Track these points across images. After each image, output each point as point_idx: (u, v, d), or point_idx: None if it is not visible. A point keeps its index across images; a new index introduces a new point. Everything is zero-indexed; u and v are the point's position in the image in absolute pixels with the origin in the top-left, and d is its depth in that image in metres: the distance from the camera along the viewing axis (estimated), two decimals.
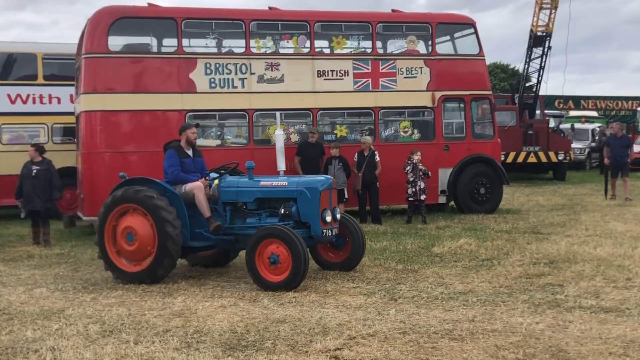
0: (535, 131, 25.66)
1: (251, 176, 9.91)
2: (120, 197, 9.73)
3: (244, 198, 9.83)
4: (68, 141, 18.26)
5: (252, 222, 9.77)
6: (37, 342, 6.68)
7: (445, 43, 17.84)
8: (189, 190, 9.82)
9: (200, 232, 9.82)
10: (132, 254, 9.68)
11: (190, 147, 10.39)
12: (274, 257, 8.87)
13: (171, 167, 10.04)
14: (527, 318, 7.09)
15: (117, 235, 9.71)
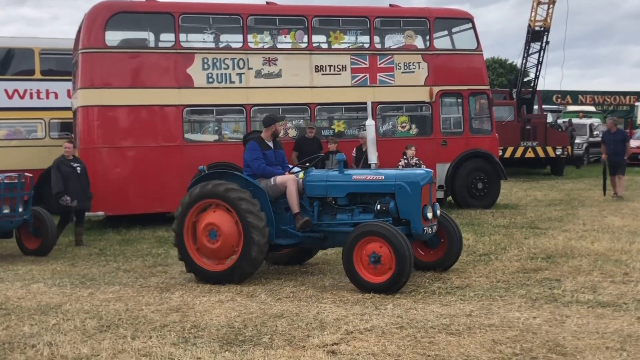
0: (533, 126, 25.66)
1: (342, 169, 9.31)
2: (201, 192, 9.17)
3: (335, 193, 9.20)
4: (65, 136, 18.22)
5: (344, 218, 9.17)
6: (34, 337, 6.68)
7: (443, 38, 17.84)
8: (279, 184, 9.29)
9: (285, 229, 9.30)
10: (215, 253, 9.16)
11: (272, 139, 9.84)
12: (375, 257, 8.22)
13: (256, 160, 9.47)
14: (524, 313, 7.09)
15: (198, 233, 9.19)
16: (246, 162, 9.59)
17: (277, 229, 9.26)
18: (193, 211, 9.25)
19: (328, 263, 10.36)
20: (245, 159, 9.60)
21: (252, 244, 8.85)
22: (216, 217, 9.08)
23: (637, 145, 28.98)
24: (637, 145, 28.73)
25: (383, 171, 9.37)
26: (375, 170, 9.48)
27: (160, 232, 14.10)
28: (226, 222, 9.02)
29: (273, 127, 9.81)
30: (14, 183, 11.54)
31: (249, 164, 9.51)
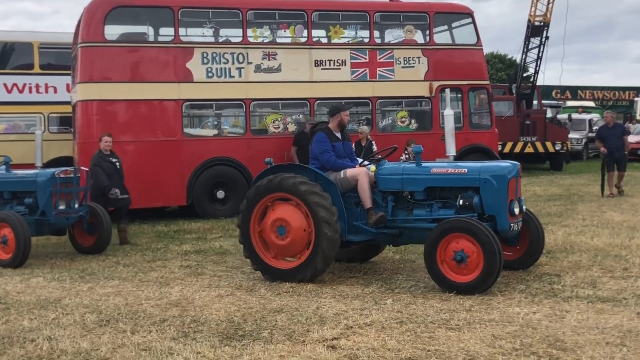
0: (532, 121, 25.66)
1: (419, 162, 8.67)
2: (269, 186, 8.69)
3: (412, 187, 8.58)
4: (64, 131, 18.23)
5: (421, 214, 8.57)
6: (33, 331, 6.67)
7: (443, 33, 17.85)
8: (350, 177, 8.80)
9: (358, 224, 8.78)
10: (284, 249, 8.70)
11: (339, 130, 9.32)
12: (461, 255, 7.72)
13: (325, 152, 8.94)
14: (524, 308, 7.09)
15: (266, 229, 8.72)
16: (314, 154, 9.08)
17: (349, 225, 8.76)
18: (260, 206, 8.79)
19: None
20: (313, 151, 9.10)
21: (324, 240, 8.37)
22: (285, 212, 8.62)
23: (637, 140, 28.91)
24: (636, 140, 28.67)
25: (465, 164, 8.82)
26: (454, 163, 9.01)
27: (160, 227, 14.08)
28: (296, 217, 8.56)
29: (338, 117, 9.26)
30: (70, 177, 11.04)
31: (318, 156, 9.01)
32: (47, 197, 10.76)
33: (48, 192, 10.76)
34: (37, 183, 10.92)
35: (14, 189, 11.27)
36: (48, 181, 10.82)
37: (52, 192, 10.78)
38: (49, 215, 10.81)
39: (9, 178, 11.34)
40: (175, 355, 5.78)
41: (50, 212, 10.79)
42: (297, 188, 8.49)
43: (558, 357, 5.51)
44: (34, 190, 10.97)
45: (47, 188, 10.78)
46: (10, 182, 11.30)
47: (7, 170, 11.45)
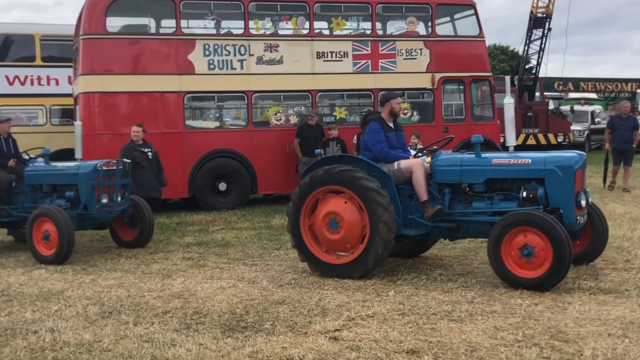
0: (534, 113, 25.63)
1: (479, 152, 8.31)
2: (324, 178, 8.35)
3: (471, 178, 8.22)
4: (66, 123, 18.22)
5: (481, 207, 8.19)
6: (36, 323, 6.69)
7: (445, 24, 17.80)
8: (404, 169, 8.45)
9: (413, 218, 8.44)
10: (336, 244, 8.40)
11: (392, 119, 8.98)
12: (528, 249, 7.38)
13: (378, 143, 8.59)
14: (526, 299, 7.09)
15: (317, 223, 8.44)
16: (366, 145, 8.74)
17: (403, 218, 8.38)
18: (311, 199, 8.49)
19: None
20: (365, 142, 8.76)
21: (380, 235, 8.06)
22: (337, 205, 8.31)
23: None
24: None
25: (528, 154, 8.33)
26: (514, 154, 8.57)
27: (162, 219, 14.08)
28: (349, 210, 8.25)
29: (388, 106, 8.90)
30: (113, 170, 10.66)
31: (370, 147, 8.65)
32: (90, 190, 10.37)
33: (90, 185, 10.37)
34: (79, 176, 10.52)
35: (54, 182, 10.90)
36: (90, 174, 10.42)
37: (95, 185, 10.41)
38: (92, 209, 10.44)
39: (49, 171, 10.99)
40: (177, 347, 5.79)
41: (92, 206, 10.42)
42: (351, 180, 8.18)
43: (560, 349, 5.52)
44: (75, 183, 10.57)
45: (89, 181, 10.39)
46: (50, 175, 10.94)
47: (46, 163, 11.10)
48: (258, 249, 10.65)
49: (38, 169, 11.05)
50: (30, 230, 10.09)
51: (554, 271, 7.29)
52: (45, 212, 10.07)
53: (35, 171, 11.03)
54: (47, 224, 9.96)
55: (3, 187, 10.93)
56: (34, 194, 11.03)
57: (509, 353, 5.43)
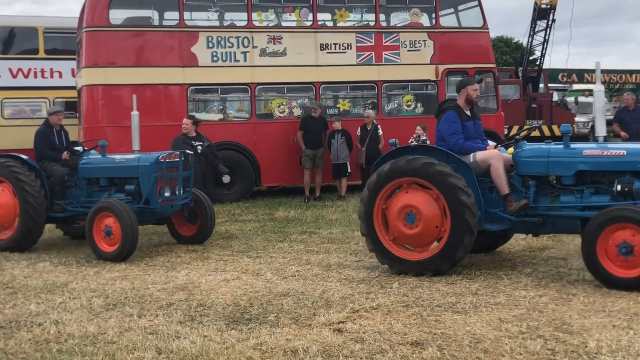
0: (538, 105, 25.57)
1: (567, 143, 7.79)
2: (402, 169, 7.87)
3: (559, 171, 7.71)
4: (70, 115, 18.21)
5: (570, 201, 7.68)
6: (40, 315, 6.69)
7: (449, 16, 17.75)
8: (481, 161, 8.00)
9: (495, 212, 7.97)
10: (414, 239, 7.95)
11: (468, 107, 8.47)
12: (627, 247, 6.87)
13: (454, 135, 8.12)
14: (530, 291, 7.08)
15: (392, 217, 7.98)
16: (441, 135, 8.29)
17: (484, 212, 7.92)
18: (384, 193, 8.04)
19: (333, 242, 10.35)
20: (440, 132, 8.30)
21: (462, 229, 7.63)
22: (413, 198, 7.85)
23: None
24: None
25: (622, 145, 7.90)
26: (604, 144, 8.04)
27: None
28: (427, 203, 7.81)
29: (464, 92, 8.39)
30: (175, 162, 10.16)
31: (445, 138, 8.20)
32: (152, 183, 9.87)
33: (153, 178, 9.85)
34: (140, 168, 9.99)
35: (113, 175, 10.40)
36: (152, 166, 9.89)
37: (157, 178, 9.90)
38: (154, 203, 9.91)
39: (106, 163, 10.48)
40: (182, 339, 5.80)
41: (155, 200, 9.90)
42: (441, 178, 7.68)
43: (564, 340, 5.51)
44: (135, 176, 10.05)
45: (151, 173, 9.85)
46: (108, 168, 10.43)
47: (103, 155, 10.62)
48: (262, 241, 10.65)
49: (94, 161, 10.58)
50: (91, 225, 9.57)
51: None
52: (107, 206, 9.56)
53: (91, 164, 10.54)
54: (109, 218, 9.46)
55: (57, 181, 10.54)
56: (90, 187, 10.58)
57: (513, 345, 5.42)
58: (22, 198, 10.08)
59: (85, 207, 10.25)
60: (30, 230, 10.19)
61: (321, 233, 11.09)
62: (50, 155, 10.72)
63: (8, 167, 10.23)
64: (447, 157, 7.91)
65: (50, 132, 10.87)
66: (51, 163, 10.65)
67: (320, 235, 10.93)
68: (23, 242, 10.23)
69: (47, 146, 10.75)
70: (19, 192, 10.11)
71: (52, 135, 10.87)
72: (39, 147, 10.78)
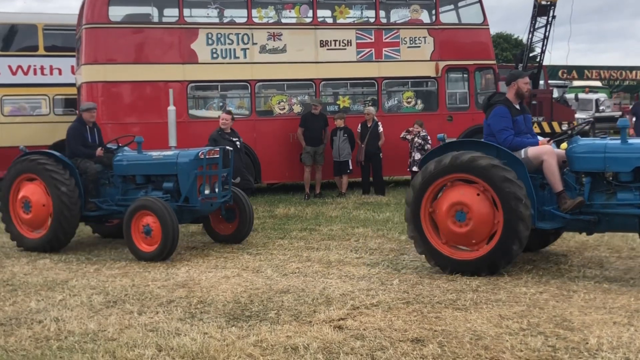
0: (538, 101, 25.52)
1: (625, 138, 7.49)
2: (448, 166, 7.63)
3: (617, 167, 7.40)
4: (70, 112, 18.21)
5: (628, 198, 7.36)
6: (41, 312, 6.69)
7: (449, 12, 17.73)
8: (533, 157, 7.73)
9: (548, 210, 7.69)
10: (466, 237, 7.67)
11: (518, 101, 8.19)
12: None
13: (504, 131, 7.83)
14: (531, 288, 7.08)
15: (441, 214, 7.73)
16: (490, 130, 8.03)
17: (537, 210, 7.65)
18: (431, 191, 7.82)
19: (333, 239, 10.35)
20: (490, 127, 8.01)
21: (516, 221, 7.38)
22: (466, 196, 7.61)
23: None
24: None
25: None
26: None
27: None
28: (476, 199, 7.56)
29: (515, 86, 8.12)
30: (215, 158, 9.84)
31: (495, 133, 7.92)
32: (192, 181, 9.54)
33: (193, 175, 9.54)
34: (179, 165, 9.66)
35: (150, 172, 10.05)
36: (192, 163, 9.58)
37: (197, 175, 9.59)
38: (194, 201, 9.59)
39: (143, 160, 10.10)
40: (182, 336, 5.79)
41: (194, 198, 9.57)
42: (490, 172, 7.44)
43: (565, 337, 5.51)
44: (174, 174, 9.75)
45: (191, 170, 9.54)
46: (144, 165, 10.06)
47: (139, 152, 10.30)
48: (262, 238, 10.65)
49: (130, 158, 10.22)
50: (129, 224, 9.25)
51: None
52: (147, 204, 9.24)
53: (126, 161, 10.19)
54: (149, 217, 9.15)
55: (91, 179, 10.25)
56: (125, 185, 10.27)
57: (514, 341, 5.42)
58: (56, 196, 9.79)
59: (121, 206, 10.02)
60: (64, 230, 9.90)
61: (321, 230, 11.08)
62: (84, 152, 10.41)
63: (41, 165, 9.95)
64: (498, 152, 7.68)
65: (83, 128, 10.57)
66: (84, 160, 10.33)
67: (320, 232, 10.93)
68: (56, 241, 9.95)
69: (80, 143, 10.43)
70: (52, 190, 9.83)
71: (85, 131, 10.56)
72: (72, 144, 10.44)
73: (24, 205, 10.11)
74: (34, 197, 10.02)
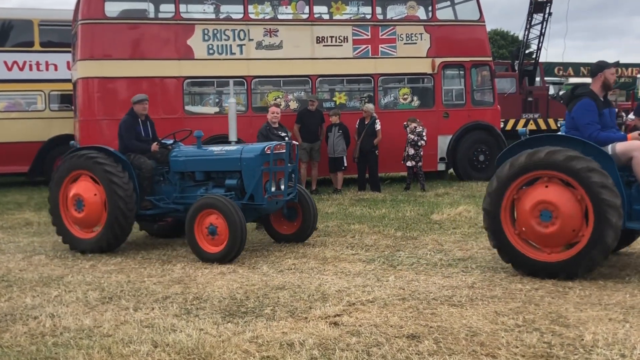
0: (534, 98, 25.58)
1: None
2: (525, 165, 7.25)
3: None
4: (65, 108, 18.18)
5: None
6: (36, 308, 6.68)
7: (446, 9, 17.72)
8: (622, 153, 7.29)
9: (638, 208, 7.21)
10: (546, 238, 7.24)
11: (603, 93, 7.74)
12: None
13: (589, 125, 7.39)
14: (526, 284, 7.08)
15: (523, 213, 7.31)
16: (574, 124, 7.61)
17: (625, 209, 7.14)
18: (518, 184, 7.39)
19: (329, 235, 10.35)
20: (574, 120, 7.58)
21: (606, 231, 6.92)
22: (554, 195, 7.14)
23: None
24: None
25: None
26: None
27: None
28: (568, 202, 7.09)
29: (602, 77, 7.68)
30: (282, 154, 9.32)
31: (580, 127, 7.50)
32: (258, 177, 9.02)
33: (259, 171, 9.02)
34: (244, 161, 9.16)
35: (211, 169, 9.54)
36: (258, 158, 9.06)
37: (263, 172, 9.04)
38: (259, 199, 9.06)
39: (205, 156, 9.60)
40: (177, 332, 5.79)
41: (260, 196, 9.05)
42: (569, 164, 7.03)
43: (561, 334, 5.51)
44: (238, 170, 9.23)
45: (257, 167, 9.03)
46: (207, 161, 9.55)
47: (198, 147, 9.76)
48: (258, 234, 10.64)
49: (189, 153, 9.69)
50: (192, 223, 8.72)
51: None
52: (213, 202, 8.68)
53: (185, 156, 9.66)
54: (214, 216, 8.64)
55: (146, 175, 9.65)
56: (183, 182, 9.73)
57: (509, 338, 5.43)
58: (111, 191, 9.25)
59: (178, 204, 9.58)
60: (121, 226, 9.33)
61: (317, 226, 11.07)
62: (138, 147, 9.84)
63: (92, 159, 9.42)
64: (584, 147, 7.23)
65: (135, 122, 10.00)
66: (138, 156, 9.76)
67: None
68: (113, 239, 9.40)
69: (133, 137, 9.87)
70: (106, 185, 9.29)
71: (137, 125, 10.01)
72: (125, 138, 9.85)
73: (76, 204, 9.52)
74: (86, 194, 9.45)
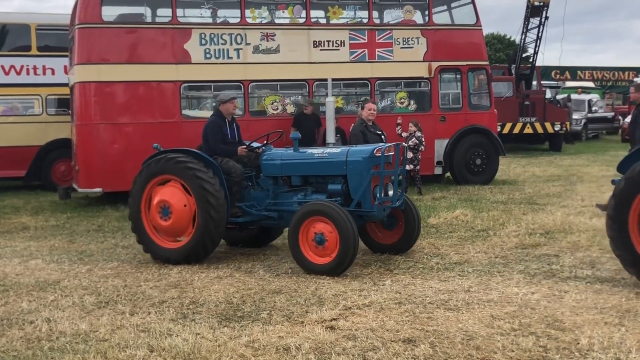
0: (531, 102, 25.61)
1: None
2: None
3: None
4: (62, 112, 18.17)
5: None
6: (32, 313, 6.68)
7: (442, 13, 17.74)
8: None
9: None
10: None
11: None
12: None
13: None
14: (522, 288, 7.10)
15: None
16: None
17: None
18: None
19: None
20: None
21: None
22: None
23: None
24: None
25: None
26: None
27: None
28: None
29: None
30: (391, 156, 8.61)
31: None
32: (367, 183, 8.32)
33: (368, 176, 8.32)
34: (350, 164, 8.44)
35: (312, 173, 8.83)
36: (367, 161, 8.35)
37: (372, 176, 8.35)
38: (368, 206, 8.36)
39: (304, 159, 8.89)
40: (174, 337, 5.79)
41: (368, 202, 8.35)
42: None
43: (557, 337, 5.53)
44: (342, 174, 8.54)
45: (366, 171, 8.33)
46: (307, 165, 8.84)
47: (295, 149, 9.06)
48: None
49: (285, 157, 9.04)
50: (296, 233, 8.12)
51: None
52: (321, 209, 8.02)
53: (280, 160, 9.03)
54: (321, 224, 7.99)
55: (237, 180, 9.02)
56: (276, 187, 9.09)
57: (505, 342, 5.44)
58: (201, 198, 8.65)
59: (271, 211, 8.99)
60: (211, 235, 8.73)
61: None
62: (225, 150, 9.28)
63: (182, 164, 8.87)
64: None
65: (222, 123, 9.44)
66: (227, 160, 9.18)
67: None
68: (202, 249, 8.80)
69: (220, 140, 9.32)
70: (196, 191, 8.69)
71: (224, 126, 9.44)
72: (212, 141, 9.33)
73: (162, 211, 8.89)
74: (173, 200, 8.82)
